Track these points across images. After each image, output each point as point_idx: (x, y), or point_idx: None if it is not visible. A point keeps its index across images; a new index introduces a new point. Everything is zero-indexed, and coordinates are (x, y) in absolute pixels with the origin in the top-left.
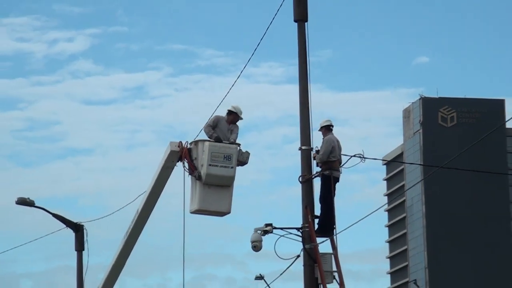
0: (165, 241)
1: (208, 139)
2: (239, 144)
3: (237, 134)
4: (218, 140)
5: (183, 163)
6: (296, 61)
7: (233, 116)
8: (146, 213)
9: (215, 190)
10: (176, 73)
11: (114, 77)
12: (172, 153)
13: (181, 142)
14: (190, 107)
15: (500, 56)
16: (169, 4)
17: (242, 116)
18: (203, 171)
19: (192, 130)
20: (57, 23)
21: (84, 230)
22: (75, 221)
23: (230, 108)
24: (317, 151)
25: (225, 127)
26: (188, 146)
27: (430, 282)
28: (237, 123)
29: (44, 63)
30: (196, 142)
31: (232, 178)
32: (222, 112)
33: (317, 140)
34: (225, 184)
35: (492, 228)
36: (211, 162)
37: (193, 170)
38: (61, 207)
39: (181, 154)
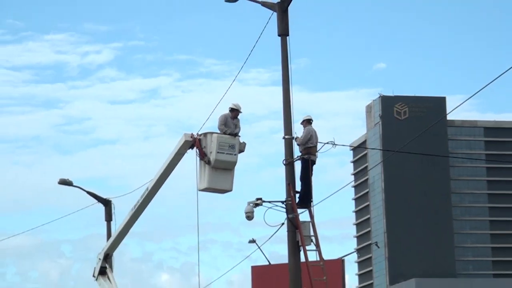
0: (175, 213)
1: (216, 131)
2: (239, 136)
3: (240, 127)
4: (230, 134)
5: (196, 150)
6: (279, 67)
7: (235, 112)
8: (155, 191)
9: (220, 172)
10: (183, 78)
11: (133, 82)
12: (186, 142)
13: (192, 133)
14: (194, 105)
15: (442, 62)
16: (176, 23)
17: (241, 110)
18: (212, 157)
19: (197, 124)
20: (87, 39)
21: (112, 205)
22: (104, 197)
23: (231, 106)
24: (297, 138)
25: (230, 122)
26: (199, 137)
27: (388, 243)
28: (238, 116)
29: (78, 71)
30: (205, 134)
31: (235, 163)
32: (223, 109)
33: (297, 131)
34: (229, 168)
35: (437, 200)
36: (218, 150)
37: (203, 156)
38: (93, 186)
39: (193, 143)
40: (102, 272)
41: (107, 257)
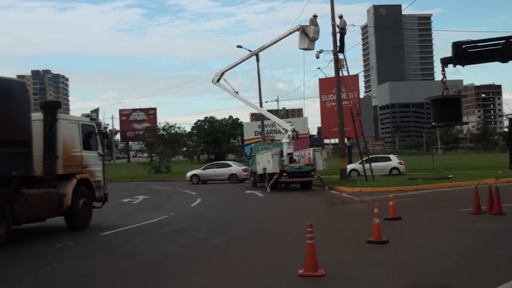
0: (285, 58)
1: (309, 25)
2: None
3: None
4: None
5: (300, 32)
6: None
7: (315, 17)
8: (266, 47)
9: (311, 41)
10: (289, 17)
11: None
12: (297, 28)
13: (300, 24)
14: (288, 17)
15: None
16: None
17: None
18: (311, 35)
19: (289, 23)
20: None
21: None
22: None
23: (314, 14)
24: (336, 24)
25: (315, 22)
26: (304, 26)
27: (377, 67)
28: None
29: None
30: (306, 25)
31: (317, 38)
32: (302, 17)
33: (336, 22)
34: (315, 40)
35: (396, 49)
36: (314, 33)
37: (306, 33)
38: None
39: (301, 28)
40: (218, 80)
41: (222, 74)
